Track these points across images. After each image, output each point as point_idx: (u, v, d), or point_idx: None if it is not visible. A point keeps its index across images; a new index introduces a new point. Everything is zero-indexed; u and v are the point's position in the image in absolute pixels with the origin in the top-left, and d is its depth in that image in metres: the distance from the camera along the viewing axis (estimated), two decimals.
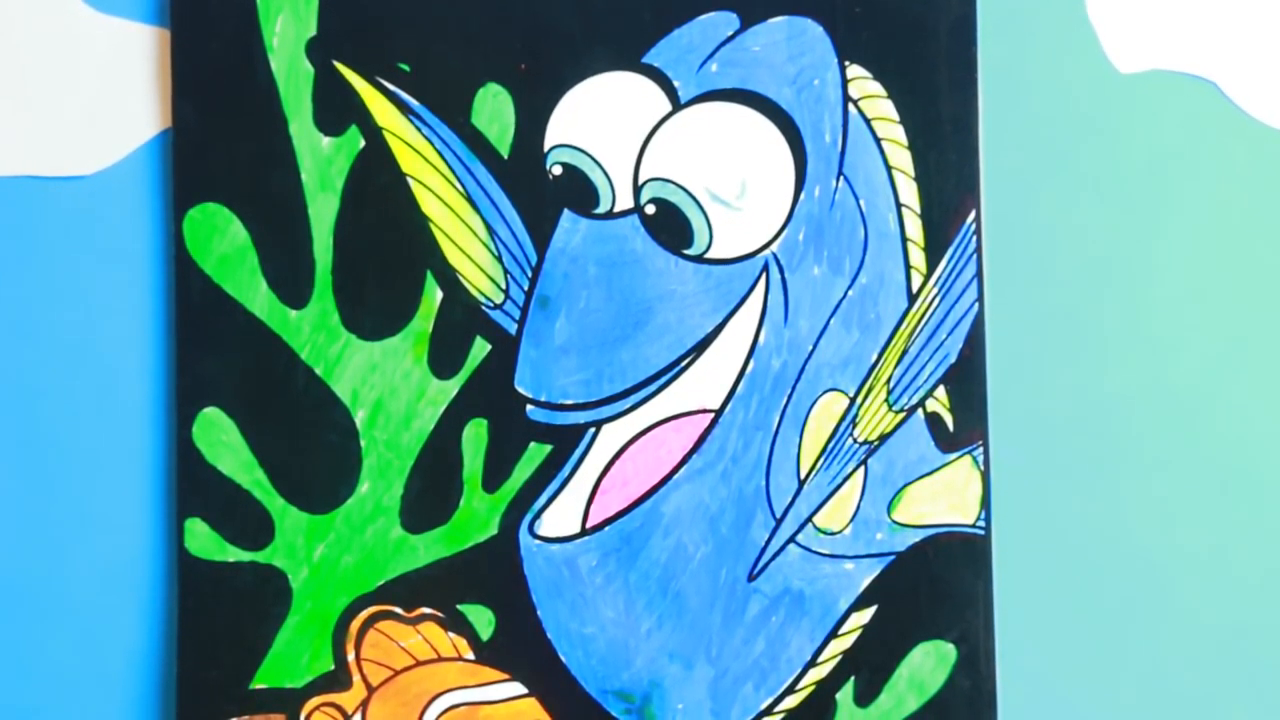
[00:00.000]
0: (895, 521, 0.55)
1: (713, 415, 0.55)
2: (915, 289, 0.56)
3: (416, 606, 0.55)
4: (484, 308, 0.55)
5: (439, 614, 0.55)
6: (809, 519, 0.55)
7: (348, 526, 0.55)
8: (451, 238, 0.55)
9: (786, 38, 0.56)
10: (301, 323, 0.55)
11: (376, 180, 0.55)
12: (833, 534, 0.55)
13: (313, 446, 0.55)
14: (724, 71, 0.55)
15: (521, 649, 0.55)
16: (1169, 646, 0.57)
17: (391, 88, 0.55)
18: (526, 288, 0.55)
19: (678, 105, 0.55)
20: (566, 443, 0.55)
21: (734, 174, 0.55)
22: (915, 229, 0.56)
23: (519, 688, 0.55)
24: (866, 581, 0.55)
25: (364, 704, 0.55)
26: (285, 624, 0.55)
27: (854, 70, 0.56)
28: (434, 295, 0.55)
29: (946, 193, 0.56)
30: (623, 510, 0.55)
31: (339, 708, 0.55)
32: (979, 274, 0.56)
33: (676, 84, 0.55)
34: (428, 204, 0.55)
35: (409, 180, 0.55)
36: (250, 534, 0.55)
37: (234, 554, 0.55)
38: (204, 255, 0.55)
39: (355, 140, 0.55)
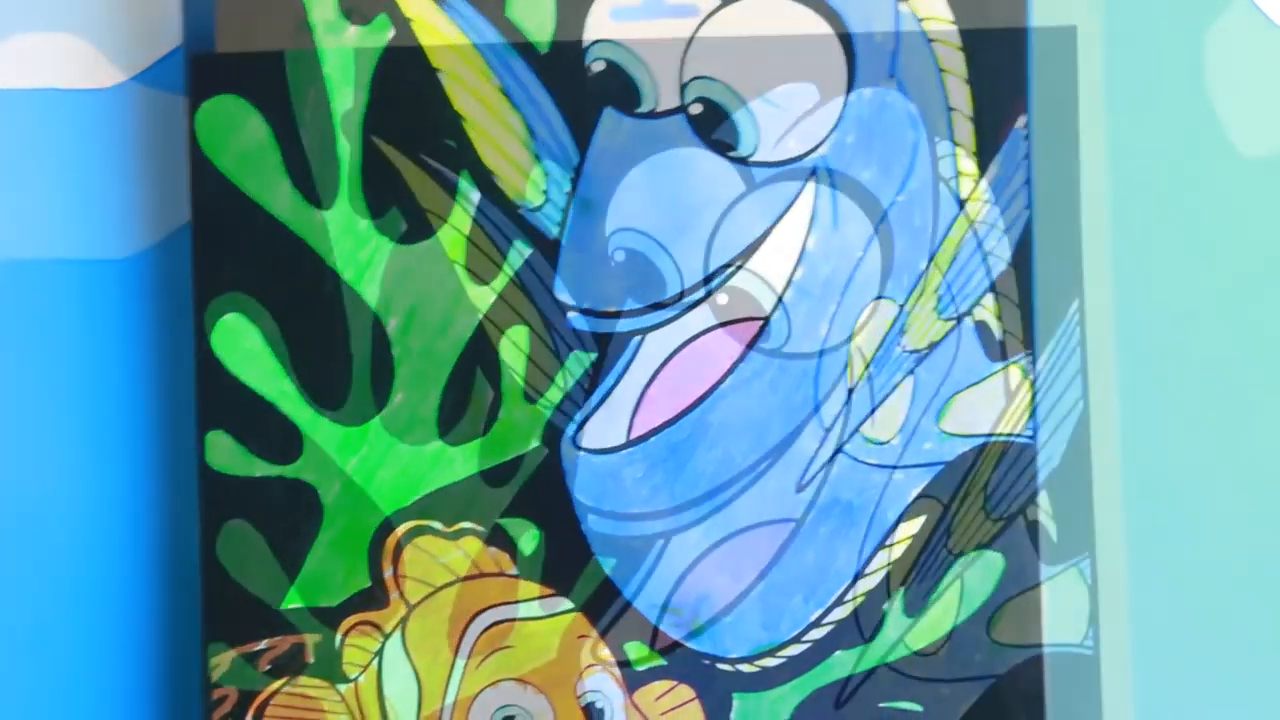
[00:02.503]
0: (944, 431, 0.54)
1: (761, 323, 0.54)
2: (965, 195, 0.54)
3: (455, 521, 0.53)
4: (523, 210, 0.53)
5: (479, 528, 0.53)
6: (857, 429, 0.54)
7: (381, 439, 0.53)
8: (488, 137, 0.53)
9: None
10: (328, 225, 0.52)
11: (406, 75, 0.52)
12: (881, 444, 0.54)
13: (342, 355, 0.52)
14: None
15: (566, 563, 0.53)
16: (1202, 553, 0.57)
17: None
18: (568, 190, 0.53)
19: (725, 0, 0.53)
20: (610, 351, 0.53)
21: (782, 74, 0.53)
22: (966, 133, 0.54)
23: (564, 602, 0.53)
24: (915, 492, 0.54)
25: (403, 621, 0.53)
26: (318, 541, 0.52)
27: None
28: (470, 197, 0.53)
29: (999, 96, 0.54)
30: (669, 420, 0.53)
31: (377, 626, 0.52)
32: (1029, 180, 0.55)
33: None
34: (460, 101, 0.53)
35: (440, 75, 0.52)
36: (278, 447, 0.52)
37: (261, 468, 0.52)
38: (219, 152, 0.52)
39: (384, 29, 0.52)
